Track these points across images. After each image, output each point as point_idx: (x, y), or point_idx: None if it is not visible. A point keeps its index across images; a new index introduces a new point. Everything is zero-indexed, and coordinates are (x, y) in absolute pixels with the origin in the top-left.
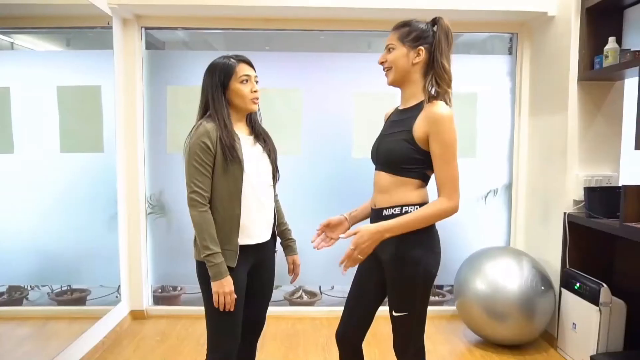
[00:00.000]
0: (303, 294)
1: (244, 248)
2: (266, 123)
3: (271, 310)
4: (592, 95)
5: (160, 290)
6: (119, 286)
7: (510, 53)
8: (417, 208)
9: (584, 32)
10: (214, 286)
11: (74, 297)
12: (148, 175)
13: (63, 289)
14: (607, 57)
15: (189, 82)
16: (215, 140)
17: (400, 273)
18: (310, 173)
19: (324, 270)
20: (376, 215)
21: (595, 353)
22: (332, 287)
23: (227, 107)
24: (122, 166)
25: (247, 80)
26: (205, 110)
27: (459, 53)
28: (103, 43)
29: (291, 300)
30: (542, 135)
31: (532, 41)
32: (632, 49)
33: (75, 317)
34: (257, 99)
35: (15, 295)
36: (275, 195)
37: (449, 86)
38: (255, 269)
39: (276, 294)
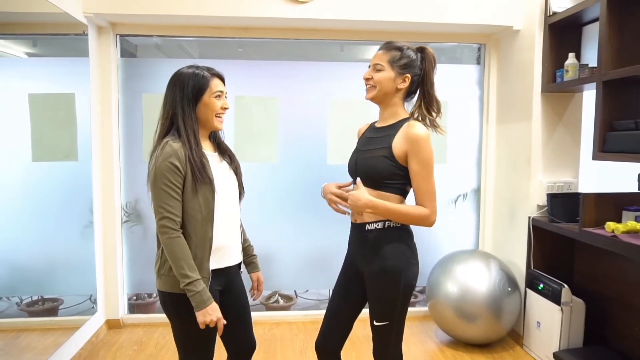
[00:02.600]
0: (279, 298)
1: (216, 272)
2: (243, 131)
3: None
4: (554, 105)
5: (135, 297)
6: (91, 295)
7: (478, 63)
8: (398, 223)
9: (546, 46)
10: (199, 316)
11: (45, 307)
12: (124, 183)
13: (34, 299)
14: (567, 71)
15: (164, 90)
16: (184, 160)
17: (382, 285)
18: (287, 180)
19: (298, 274)
20: (358, 229)
21: (557, 350)
22: (307, 291)
23: (197, 123)
24: (97, 174)
25: (219, 96)
26: (170, 124)
27: None
28: (77, 50)
29: (267, 305)
30: (508, 142)
31: (499, 52)
32: (589, 65)
33: (48, 328)
34: (222, 116)
35: None
36: None
37: (439, 113)
38: (228, 293)
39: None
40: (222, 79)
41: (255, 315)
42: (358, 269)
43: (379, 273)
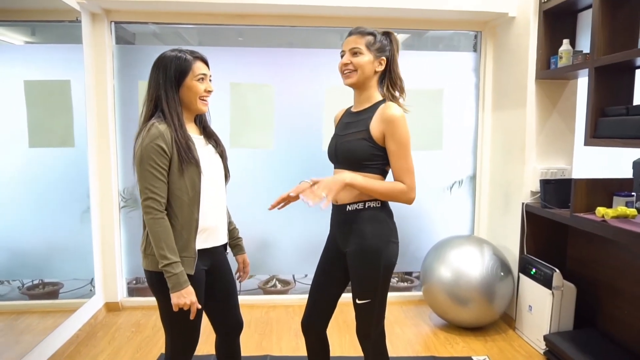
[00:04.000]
0: (277, 282)
1: (201, 252)
2: (239, 118)
3: (245, 298)
4: (548, 92)
5: (134, 281)
6: (92, 279)
7: (475, 50)
8: (378, 203)
9: (541, 33)
10: (174, 298)
11: (46, 290)
12: (121, 169)
13: (35, 282)
14: (561, 57)
15: None
16: (170, 142)
17: (362, 264)
18: (282, 166)
19: (297, 259)
20: (339, 211)
21: (548, 333)
22: (305, 276)
23: (180, 105)
24: (94, 160)
25: (202, 79)
26: (155, 107)
27: (427, 49)
28: (72, 37)
29: (265, 289)
30: (503, 129)
31: (495, 39)
32: (583, 51)
33: (48, 311)
34: (206, 99)
35: None
36: None
37: (402, 92)
38: (214, 273)
39: (250, 283)
40: (206, 62)
41: (252, 298)
42: (339, 249)
43: (359, 252)
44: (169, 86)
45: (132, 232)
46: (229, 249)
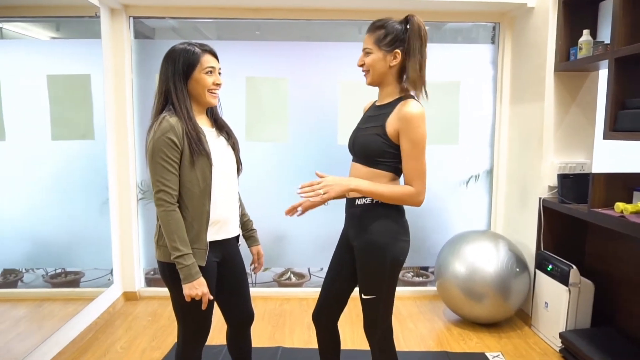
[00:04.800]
0: (291, 275)
1: (213, 244)
2: (253, 112)
3: (260, 291)
4: (567, 85)
5: (152, 272)
6: (112, 270)
7: (493, 42)
8: None
9: (560, 23)
10: (186, 289)
11: (68, 279)
12: (138, 161)
13: (57, 271)
14: (581, 49)
15: None
16: (181, 135)
17: (368, 259)
18: (297, 160)
19: (313, 252)
20: (350, 204)
21: (564, 330)
22: (321, 269)
23: (189, 98)
24: (112, 153)
25: (211, 72)
26: (165, 100)
27: (445, 41)
28: (92, 32)
29: (280, 282)
30: (521, 123)
31: (513, 31)
32: (605, 42)
33: (69, 299)
34: (216, 92)
35: (10, 278)
36: None
37: (420, 88)
38: (226, 265)
39: (266, 276)
40: (215, 56)
41: (266, 290)
42: (350, 242)
43: (365, 247)
44: (178, 79)
45: (149, 223)
46: (242, 240)
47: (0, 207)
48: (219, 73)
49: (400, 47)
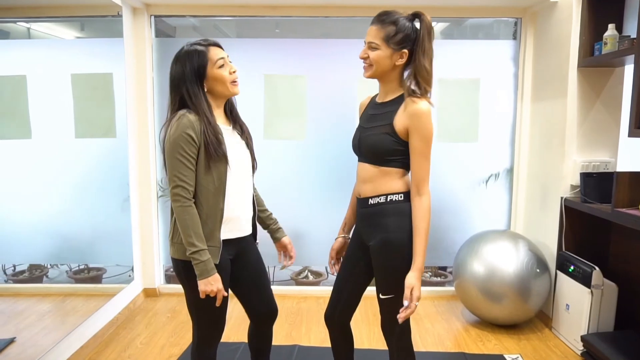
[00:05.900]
0: (309, 274)
1: (226, 242)
2: (271, 109)
3: (277, 289)
4: (591, 81)
5: (172, 269)
6: (133, 267)
7: (514, 38)
8: (401, 196)
9: (585, 18)
10: (201, 284)
11: (90, 275)
12: (159, 159)
13: (80, 267)
14: (606, 44)
15: None
16: (199, 132)
17: (386, 258)
18: (314, 158)
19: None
20: (362, 204)
21: (586, 333)
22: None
23: (207, 99)
24: (133, 151)
25: (223, 65)
26: (181, 106)
27: (466, 37)
28: (114, 31)
29: (297, 280)
30: (542, 120)
31: (535, 26)
32: (631, 36)
33: (91, 294)
34: (237, 80)
35: (36, 273)
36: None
37: (430, 86)
38: (240, 261)
39: (283, 274)
40: (219, 46)
41: (284, 289)
42: (364, 242)
43: (382, 246)
44: (191, 83)
45: (169, 221)
46: (266, 237)
47: (26, 203)
48: (230, 61)
49: (408, 47)
